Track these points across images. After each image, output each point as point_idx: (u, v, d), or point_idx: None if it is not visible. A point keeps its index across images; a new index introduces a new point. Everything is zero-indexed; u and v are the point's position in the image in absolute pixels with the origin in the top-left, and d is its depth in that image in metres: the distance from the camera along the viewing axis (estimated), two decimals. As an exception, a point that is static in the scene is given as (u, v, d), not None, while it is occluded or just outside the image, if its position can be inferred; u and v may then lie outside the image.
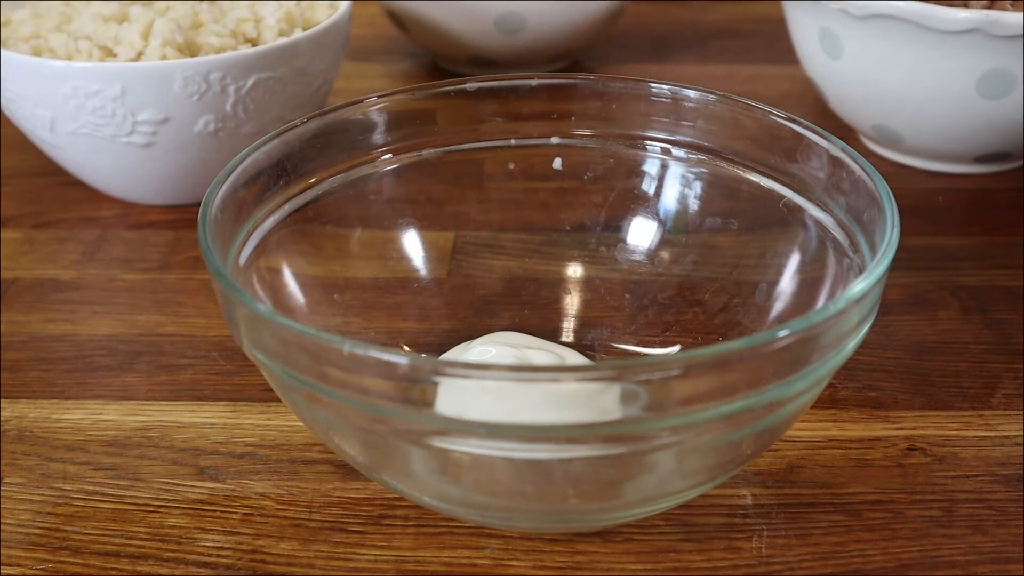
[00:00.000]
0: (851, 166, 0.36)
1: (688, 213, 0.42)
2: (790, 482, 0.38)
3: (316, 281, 0.40)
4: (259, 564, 0.35)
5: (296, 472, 0.38)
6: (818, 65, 0.58)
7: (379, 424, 0.29)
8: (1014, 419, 0.40)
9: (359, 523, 0.36)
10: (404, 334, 0.42)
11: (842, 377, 0.42)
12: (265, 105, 0.52)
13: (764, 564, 0.35)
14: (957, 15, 0.49)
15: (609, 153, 0.43)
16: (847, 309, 0.30)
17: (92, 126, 0.51)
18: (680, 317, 0.41)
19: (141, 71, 0.49)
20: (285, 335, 0.29)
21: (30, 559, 0.35)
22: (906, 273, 0.49)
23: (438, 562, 0.35)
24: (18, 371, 0.44)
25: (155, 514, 0.37)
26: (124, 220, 0.55)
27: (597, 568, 0.34)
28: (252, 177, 0.37)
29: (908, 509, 0.37)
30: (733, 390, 0.28)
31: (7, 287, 0.49)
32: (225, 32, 0.53)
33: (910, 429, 0.40)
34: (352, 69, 0.72)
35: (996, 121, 0.53)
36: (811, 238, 0.38)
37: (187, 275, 0.50)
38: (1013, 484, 0.37)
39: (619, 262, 0.43)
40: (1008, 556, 0.35)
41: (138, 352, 0.45)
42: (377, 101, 0.41)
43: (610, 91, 0.42)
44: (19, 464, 0.39)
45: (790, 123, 0.38)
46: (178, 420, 0.41)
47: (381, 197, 0.42)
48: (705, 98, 0.40)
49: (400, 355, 0.28)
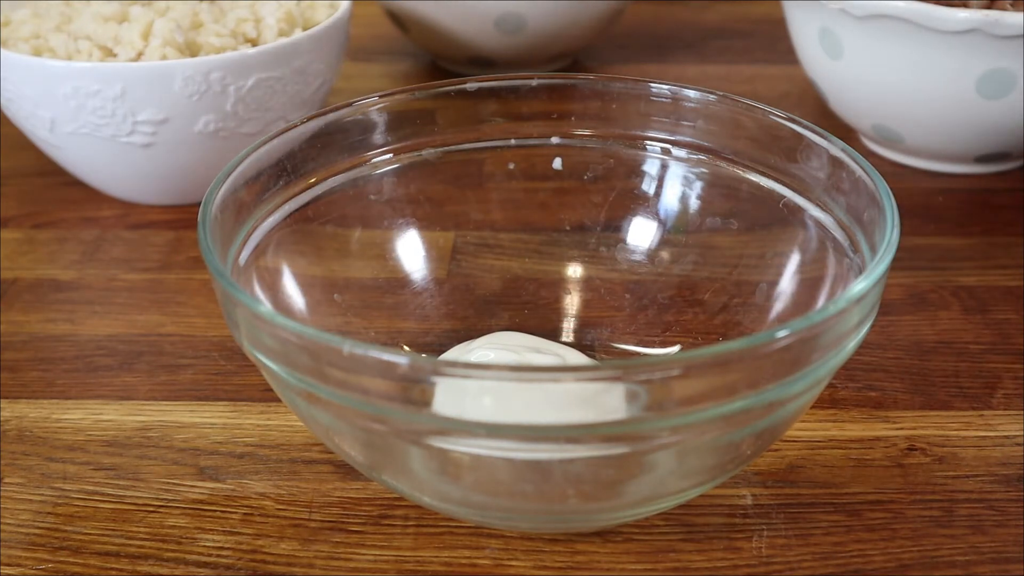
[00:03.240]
0: (851, 166, 0.36)
1: (688, 213, 0.42)
2: (790, 482, 0.38)
3: (316, 281, 0.40)
4: (259, 564, 0.35)
5: (296, 472, 0.38)
6: (818, 65, 0.58)
7: (379, 424, 0.29)
8: (1014, 419, 0.40)
9: (359, 523, 0.36)
10: (404, 334, 0.42)
11: (842, 377, 0.42)
12: (265, 105, 0.52)
13: (764, 564, 0.35)
14: (957, 15, 0.49)
15: (609, 153, 0.43)
16: (847, 309, 0.30)
17: (92, 126, 0.51)
18: (680, 317, 0.41)
19: (141, 71, 0.49)
20: (285, 335, 0.29)
21: (30, 559, 0.35)
22: (906, 273, 0.49)
23: (438, 562, 0.35)
24: (18, 371, 0.44)
25: (155, 514, 0.37)
26: (124, 220, 0.55)
27: (597, 568, 0.34)
28: (252, 177, 0.37)
29: (908, 509, 0.37)
30: (733, 390, 0.28)
31: (7, 287, 0.49)
32: (225, 32, 0.53)
33: (910, 429, 0.40)
34: (352, 69, 0.72)
35: (996, 121, 0.53)
36: (811, 238, 0.38)
37: (187, 275, 0.50)
38: (1013, 484, 0.37)
39: (619, 262, 0.43)
40: (1008, 556, 0.35)
41: (138, 352, 0.45)
42: (377, 101, 0.41)
43: (610, 91, 0.42)
44: (19, 464, 0.39)
45: (790, 123, 0.38)
46: (178, 420, 0.41)
47: (381, 197, 0.42)
48: (705, 98, 0.40)
49: (400, 355, 0.28)
